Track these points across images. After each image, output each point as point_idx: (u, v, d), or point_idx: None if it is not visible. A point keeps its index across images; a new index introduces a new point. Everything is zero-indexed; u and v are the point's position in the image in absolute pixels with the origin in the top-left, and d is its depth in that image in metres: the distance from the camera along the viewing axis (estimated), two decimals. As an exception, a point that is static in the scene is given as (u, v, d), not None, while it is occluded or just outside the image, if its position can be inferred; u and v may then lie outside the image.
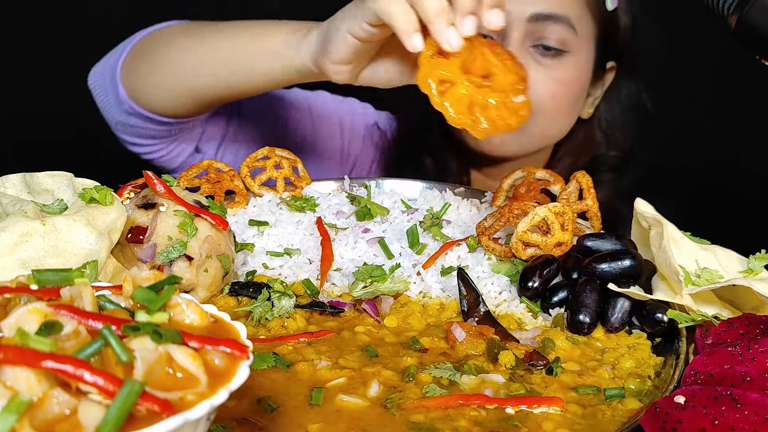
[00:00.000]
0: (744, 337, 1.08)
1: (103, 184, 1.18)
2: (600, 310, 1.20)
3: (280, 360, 1.06)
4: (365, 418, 0.96)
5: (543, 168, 1.53)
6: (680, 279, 1.16)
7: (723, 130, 2.69)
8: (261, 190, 1.53)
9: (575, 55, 1.86)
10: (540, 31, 1.80)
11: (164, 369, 0.67)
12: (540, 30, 1.80)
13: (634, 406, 1.03)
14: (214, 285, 1.21)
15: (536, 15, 1.79)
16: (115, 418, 0.61)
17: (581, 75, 1.91)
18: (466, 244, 1.37)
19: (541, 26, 1.80)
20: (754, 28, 1.24)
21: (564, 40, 1.82)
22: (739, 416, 0.90)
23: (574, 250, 1.30)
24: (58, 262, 1.07)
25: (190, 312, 0.76)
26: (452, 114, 1.17)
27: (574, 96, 1.91)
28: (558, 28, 1.81)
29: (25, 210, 1.09)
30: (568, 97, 1.89)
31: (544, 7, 1.80)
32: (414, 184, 1.64)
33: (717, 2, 1.28)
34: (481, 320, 1.21)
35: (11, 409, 0.60)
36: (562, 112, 1.91)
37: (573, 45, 1.84)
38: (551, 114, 1.88)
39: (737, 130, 2.68)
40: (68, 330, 0.67)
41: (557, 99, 1.87)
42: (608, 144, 2.07)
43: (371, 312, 1.22)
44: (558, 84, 1.85)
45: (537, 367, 1.10)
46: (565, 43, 1.83)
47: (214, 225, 1.20)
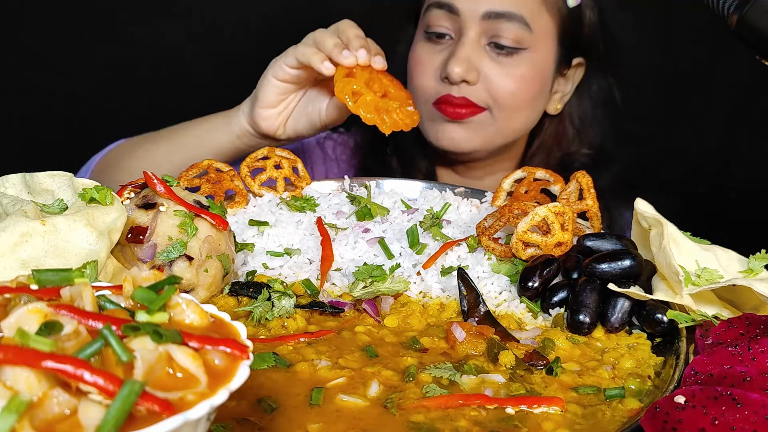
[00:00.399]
0: (744, 337, 1.08)
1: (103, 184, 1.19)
2: (600, 310, 1.20)
3: (280, 360, 1.06)
4: (365, 418, 0.96)
5: (542, 168, 1.53)
6: (680, 279, 1.16)
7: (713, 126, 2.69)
8: (261, 190, 1.53)
9: (532, 53, 1.88)
10: (494, 29, 1.84)
11: (164, 369, 0.67)
12: (494, 28, 1.83)
13: (634, 406, 1.03)
14: (214, 285, 1.21)
15: (489, 13, 1.83)
16: (115, 418, 0.61)
17: (540, 72, 1.92)
18: (466, 244, 1.37)
19: (495, 24, 1.83)
20: (754, 28, 1.24)
21: (519, 38, 1.84)
22: (739, 416, 0.90)
23: (574, 250, 1.30)
24: (58, 262, 1.07)
25: (190, 312, 0.76)
26: (365, 114, 1.52)
27: (534, 92, 1.92)
28: (512, 27, 1.83)
29: (25, 210, 1.09)
30: (527, 93, 1.90)
31: (496, 5, 1.83)
32: (414, 184, 1.64)
33: (717, 2, 1.28)
34: (481, 320, 1.21)
35: (11, 409, 0.60)
36: (521, 108, 1.92)
37: (529, 42, 1.86)
38: (510, 110, 1.90)
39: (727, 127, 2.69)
40: (68, 330, 0.67)
41: (516, 95, 1.88)
42: (580, 140, 2.09)
43: (371, 312, 1.22)
44: (516, 80, 1.87)
45: (537, 367, 1.10)
46: (520, 41, 1.85)
47: (214, 225, 1.20)
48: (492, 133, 1.93)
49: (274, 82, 1.66)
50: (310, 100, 1.73)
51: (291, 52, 1.64)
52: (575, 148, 2.08)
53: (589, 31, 2.00)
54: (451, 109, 1.87)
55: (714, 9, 1.29)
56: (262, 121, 1.69)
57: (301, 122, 1.73)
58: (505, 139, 1.97)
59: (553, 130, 2.09)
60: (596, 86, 2.09)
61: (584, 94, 2.09)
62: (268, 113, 1.69)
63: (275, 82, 1.66)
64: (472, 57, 1.84)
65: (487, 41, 1.85)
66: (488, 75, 1.86)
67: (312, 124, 1.73)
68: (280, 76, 1.66)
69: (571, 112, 2.09)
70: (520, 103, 1.90)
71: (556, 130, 2.09)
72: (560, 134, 2.09)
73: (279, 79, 1.66)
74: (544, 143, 2.09)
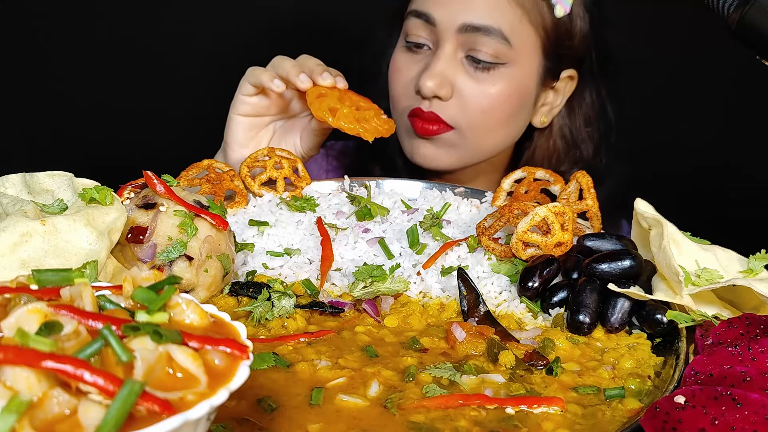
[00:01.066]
0: (744, 337, 1.08)
1: (103, 184, 1.19)
2: (600, 310, 1.20)
3: (280, 360, 1.06)
4: (365, 418, 0.96)
5: (544, 168, 1.53)
6: (680, 279, 1.16)
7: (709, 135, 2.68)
8: (261, 190, 1.53)
9: (511, 68, 1.78)
10: (472, 43, 1.74)
11: (164, 369, 0.67)
12: (472, 41, 1.74)
13: (634, 406, 1.03)
14: (214, 285, 1.21)
15: (466, 26, 1.73)
16: (115, 418, 0.61)
17: (519, 88, 1.81)
18: (466, 244, 1.37)
19: (473, 38, 1.74)
20: (754, 28, 1.24)
21: (497, 52, 1.74)
22: (739, 416, 0.90)
23: (574, 250, 1.30)
24: (58, 262, 1.07)
25: (190, 312, 0.76)
26: (346, 125, 1.55)
27: (510, 110, 1.83)
28: (490, 41, 1.73)
29: (25, 210, 1.09)
30: (502, 111, 1.81)
31: (474, 18, 1.73)
32: (414, 184, 1.64)
33: (717, 2, 1.28)
34: (481, 320, 1.21)
35: (11, 409, 0.60)
36: (495, 126, 1.83)
37: (508, 57, 1.76)
38: (483, 129, 1.82)
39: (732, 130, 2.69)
40: (68, 330, 0.67)
41: (488, 113, 1.79)
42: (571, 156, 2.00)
43: (371, 312, 1.22)
44: (490, 98, 1.78)
45: (537, 367, 1.10)
46: (498, 56, 1.75)
47: (214, 225, 1.20)
48: (464, 152, 1.85)
49: (237, 118, 1.66)
50: (282, 136, 1.72)
51: (243, 82, 1.64)
52: (566, 165, 1.99)
53: (579, 42, 1.88)
54: (420, 124, 1.80)
55: (714, 9, 1.29)
56: (237, 163, 1.66)
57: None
58: (481, 157, 1.90)
59: (543, 145, 2.00)
60: (589, 99, 1.98)
61: (576, 108, 1.99)
62: (241, 153, 1.67)
63: (238, 119, 1.66)
64: (446, 71, 1.76)
65: (464, 54, 1.76)
66: (462, 91, 1.78)
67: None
68: (240, 110, 1.65)
69: (562, 126, 1.99)
70: (493, 123, 1.82)
71: (546, 145, 2.00)
72: (550, 150, 2.00)
73: (241, 113, 1.65)
74: (534, 158, 2.00)
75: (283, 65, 1.59)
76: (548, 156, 2.00)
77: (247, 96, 1.64)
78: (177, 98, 2.63)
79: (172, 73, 2.67)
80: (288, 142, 1.72)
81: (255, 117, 1.68)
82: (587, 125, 2.00)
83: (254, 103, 1.65)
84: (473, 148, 1.85)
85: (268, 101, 1.66)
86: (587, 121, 2.00)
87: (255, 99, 1.65)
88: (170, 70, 2.67)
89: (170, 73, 2.68)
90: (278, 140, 1.72)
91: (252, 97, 1.65)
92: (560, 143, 2.00)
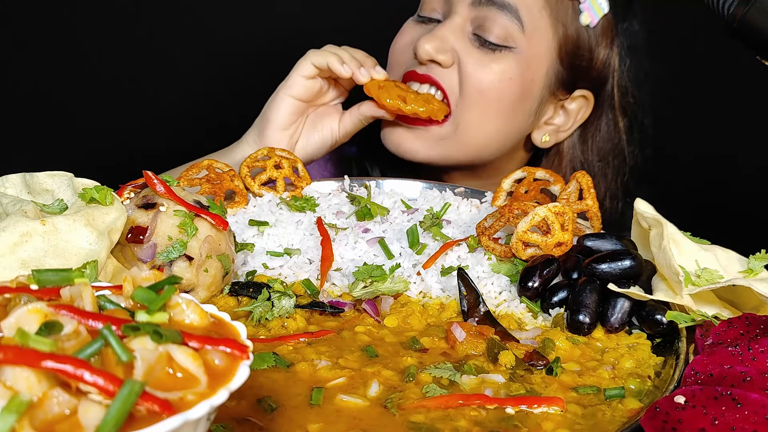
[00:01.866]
0: (744, 337, 1.08)
1: (103, 184, 1.19)
2: (600, 311, 1.20)
3: (280, 360, 1.06)
4: (365, 418, 0.96)
5: (544, 168, 1.52)
6: (680, 279, 1.16)
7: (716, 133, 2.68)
8: (261, 190, 1.53)
9: (519, 54, 1.67)
10: (482, 19, 1.65)
11: (164, 369, 0.67)
12: (483, 17, 1.65)
13: (634, 406, 1.03)
14: (214, 285, 1.21)
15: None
16: (115, 418, 0.61)
17: (523, 75, 1.69)
18: (466, 244, 1.37)
19: (485, 12, 1.65)
20: (754, 28, 1.24)
21: (508, 33, 1.65)
22: (739, 416, 0.90)
23: (574, 250, 1.30)
24: (58, 262, 1.07)
25: (190, 312, 0.76)
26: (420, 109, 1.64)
27: (511, 96, 1.69)
28: (503, 18, 1.64)
29: (25, 210, 1.09)
30: (503, 93, 1.67)
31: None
32: (414, 184, 1.64)
33: (717, 2, 1.28)
34: (481, 320, 1.21)
35: (11, 409, 0.60)
36: (490, 112, 1.69)
37: (518, 42, 1.66)
38: (476, 111, 1.68)
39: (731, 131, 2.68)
40: (68, 330, 0.67)
41: (486, 95, 1.67)
42: None
43: (371, 312, 1.22)
44: (491, 74, 1.66)
45: (537, 367, 1.10)
46: (507, 38, 1.65)
47: (214, 225, 1.20)
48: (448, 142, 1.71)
49: (287, 99, 1.66)
50: (315, 123, 1.73)
51: (304, 63, 1.65)
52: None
53: (601, 64, 1.77)
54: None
55: (714, 9, 1.29)
56: (274, 144, 1.68)
57: (312, 141, 1.72)
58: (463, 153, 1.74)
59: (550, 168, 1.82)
60: (605, 131, 1.83)
61: (590, 138, 1.83)
62: (279, 136, 1.68)
63: (289, 100, 1.66)
64: (449, 38, 1.66)
65: (472, 30, 1.67)
66: (463, 60, 1.66)
67: (324, 143, 1.73)
68: (294, 91, 1.66)
69: (573, 157, 1.84)
70: (488, 107, 1.68)
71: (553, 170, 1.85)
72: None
73: (293, 95, 1.66)
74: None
75: (343, 55, 1.63)
76: None
77: (305, 78, 1.65)
78: (177, 98, 2.64)
79: (173, 73, 2.67)
80: (325, 126, 1.73)
81: (304, 102, 1.68)
82: (601, 160, 1.85)
83: (309, 86, 1.66)
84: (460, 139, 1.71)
85: (320, 86, 1.68)
86: (601, 155, 1.85)
87: (310, 82, 1.66)
88: (170, 70, 2.67)
89: (170, 73, 2.68)
90: (314, 124, 1.73)
91: (309, 79, 1.65)
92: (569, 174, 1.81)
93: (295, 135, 1.71)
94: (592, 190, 1.42)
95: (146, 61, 2.65)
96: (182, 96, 2.64)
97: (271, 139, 1.68)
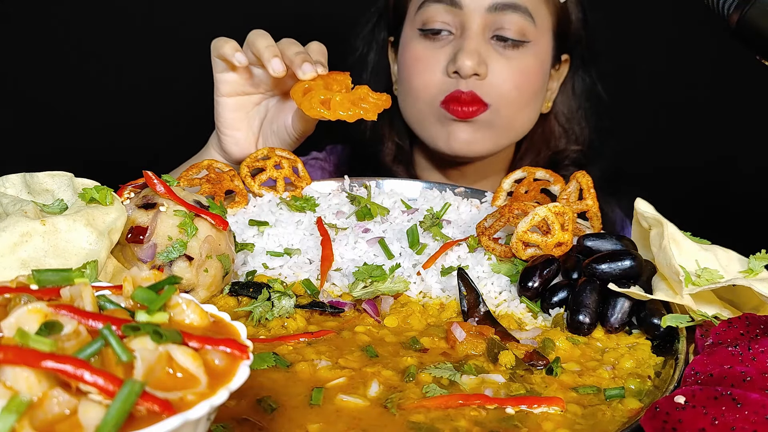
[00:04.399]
0: (744, 337, 1.08)
1: (103, 184, 1.19)
2: (600, 311, 1.20)
3: (280, 360, 1.06)
4: (365, 418, 0.96)
5: (544, 168, 1.53)
6: (680, 279, 1.16)
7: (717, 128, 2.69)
8: (261, 190, 1.53)
9: (535, 46, 1.86)
10: (499, 22, 1.81)
11: (164, 369, 0.67)
12: (499, 20, 1.81)
13: (634, 406, 1.03)
14: (214, 285, 1.21)
15: (495, 4, 1.80)
16: (115, 418, 0.61)
17: (542, 65, 1.90)
18: (466, 244, 1.37)
19: (500, 16, 1.80)
20: (754, 28, 1.24)
21: (523, 30, 1.82)
22: (739, 416, 0.90)
23: (574, 250, 1.30)
24: (58, 262, 1.07)
25: (190, 312, 0.76)
26: (345, 114, 1.45)
27: (537, 86, 1.90)
28: (517, 18, 1.81)
29: (25, 210, 1.09)
30: (532, 87, 1.88)
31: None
32: (414, 184, 1.64)
33: (717, 2, 1.28)
34: (481, 320, 1.21)
35: (11, 409, 0.60)
36: (526, 103, 1.89)
37: (533, 35, 1.85)
38: (516, 105, 1.87)
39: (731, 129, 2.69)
40: (68, 330, 0.67)
41: (522, 89, 1.86)
42: (568, 138, 2.07)
43: (371, 312, 1.22)
44: (521, 74, 1.85)
45: (537, 367, 1.10)
46: (524, 34, 1.83)
47: (214, 225, 1.20)
48: (499, 133, 1.89)
49: (220, 100, 1.59)
50: (272, 118, 1.64)
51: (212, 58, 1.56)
52: (563, 146, 2.06)
53: (575, 27, 1.99)
54: (460, 108, 1.81)
55: (714, 9, 1.29)
56: (233, 147, 1.63)
57: (271, 142, 1.66)
58: (510, 138, 1.94)
59: (541, 129, 2.06)
60: (581, 81, 2.07)
61: (569, 90, 2.07)
62: (235, 137, 1.62)
63: (222, 100, 1.59)
64: (480, 50, 1.81)
65: (491, 34, 1.83)
66: (495, 69, 1.83)
67: (283, 141, 1.64)
68: (222, 90, 1.58)
69: (557, 110, 2.07)
70: (525, 99, 1.87)
71: (544, 129, 2.06)
72: (548, 133, 2.06)
73: (223, 94, 1.59)
74: (534, 144, 2.05)
75: (257, 43, 1.49)
76: (545, 139, 2.05)
77: (221, 74, 1.56)
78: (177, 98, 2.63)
79: (173, 73, 2.67)
80: (279, 125, 1.63)
81: (240, 96, 1.60)
82: (579, 107, 2.08)
83: (233, 80, 1.57)
84: (507, 127, 1.89)
85: (248, 77, 1.57)
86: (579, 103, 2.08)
87: (232, 76, 1.56)
88: (171, 70, 2.67)
89: (171, 73, 2.67)
90: (269, 125, 1.64)
91: (226, 74, 1.56)
92: (556, 126, 2.06)
93: (250, 135, 1.64)
94: (592, 190, 1.42)
95: (147, 61, 2.65)
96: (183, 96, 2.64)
97: (228, 143, 1.62)
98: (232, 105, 1.60)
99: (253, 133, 1.64)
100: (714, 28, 1.34)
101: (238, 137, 1.62)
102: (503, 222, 1.35)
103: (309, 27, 1.88)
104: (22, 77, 2.65)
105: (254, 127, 1.64)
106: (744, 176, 2.69)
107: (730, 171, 2.70)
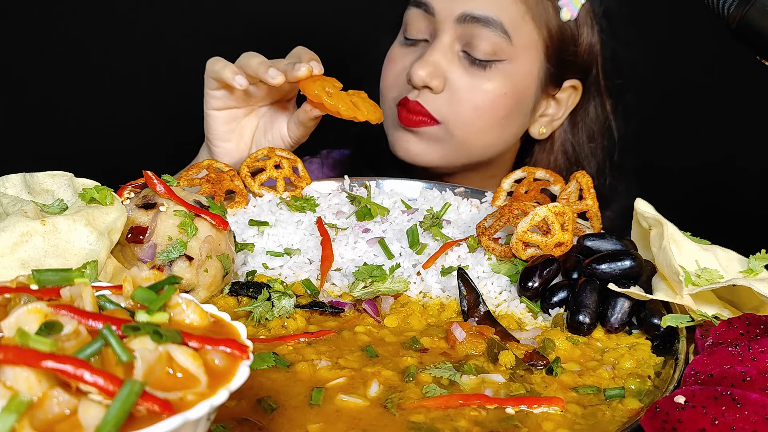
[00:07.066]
0: (744, 337, 1.08)
1: (103, 184, 1.19)
2: (600, 311, 1.20)
3: (280, 360, 1.06)
4: (365, 418, 0.96)
5: (544, 168, 1.53)
6: (680, 279, 1.16)
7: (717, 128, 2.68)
8: (261, 190, 1.53)
9: (510, 64, 1.71)
10: (470, 35, 1.68)
11: (164, 369, 0.67)
12: (470, 34, 1.68)
13: (634, 406, 1.03)
14: (214, 285, 1.21)
15: (465, 15, 1.67)
16: (115, 418, 0.61)
17: (516, 88, 1.74)
18: (466, 244, 1.37)
19: (471, 29, 1.67)
20: (755, 28, 1.24)
21: (496, 47, 1.68)
22: (739, 416, 0.90)
23: (574, 250, 1.30)
24: (58, 262, 1.07)
25: (190, 312, 0.76)
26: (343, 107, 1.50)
27: (506, 109, 1.74)
28: (490, 34, 1.67)
29: (25, 210, 1.09)
30: (497, 109, 1.73)
31: (474, 8, 1.66)
32: (414, 184, 1.64)
33: (717, 2, 1.28)
34: (481, 320, 1.21)
35: (11, 409, 0.60)
36: (488, 125, 1.74)
37: (507, 54, 1.70)
38: (475, 128, 1.74)
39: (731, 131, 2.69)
40: (68, 330, 0.67)
41: (482, 111, 1.72)
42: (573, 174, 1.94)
43: (371, 312, 1.22)
44: (485, 95, 1.71)
45: (537, 367, 1.10)
46: (496, 52, 1.69)
47: (214, 225, 1.20)
48: (449, 150, 1.76)
49: (211, 114, 1.59)
50: (266, 127, 1.64)
51: (206, 77, 1.56)
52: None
53: (585, 51, 1.81)
54: (405, 114, 1.73)
55: (714, 9, 1.29)
56: (224, 158, 1.63)
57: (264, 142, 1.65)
58: (470, 158, 1.80)
59: (543, 159, 1.92)
60: (593, 114, 1.90)
61: (579, 122, 1.90)
62: (225, 148, 1.62)
63: (213, 114, 1.59)
64: (441, 62, 1.69)
65: (460, 48, 1.70)
66: (455, 85, 1.70)
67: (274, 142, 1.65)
68: (212, 104, 1.58)
69: (564, 141, 1.91)
70: (486, 122, 1.73)
71: (547, 160, 1.92)
72: (551, 165, 1.92)
73: (214, 108, 1.59)
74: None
75: (250, 62, 1.51)
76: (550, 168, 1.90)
77: (214, 90, 1.57)
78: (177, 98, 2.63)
79: (174, 73, 2.67)
80: (274, 134, 1.63)
81: (230, 109, 1.60)
82: (590, 141, 1.92)
83: (223, 96, 1.58)
84: (461, 147, 1.76)
85: (240, 92, 1.57)
86: (590, 136, 1.92)
87: (222, 92, 1.57)
88: (171, 70, 2.67)
89: (172, 72, 2.67)
90: (263, 133, 1.64)
91: (218, 91, 1.57)
92: (561, 159, 1.92)
93: (242, 145, 1.64)
94: (592, 190, 1.42)
95: (147, 61, 2.65)
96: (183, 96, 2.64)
97: (217, 154, 1.63)
98: (223, 117, 1.61)
99: (245, 144, 1.65)
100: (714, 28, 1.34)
101: (229, 148, 1.62)
102: (503, 222, 1.35)
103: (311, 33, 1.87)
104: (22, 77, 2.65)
105: (246, 138, 1.64)
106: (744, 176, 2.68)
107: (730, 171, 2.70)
